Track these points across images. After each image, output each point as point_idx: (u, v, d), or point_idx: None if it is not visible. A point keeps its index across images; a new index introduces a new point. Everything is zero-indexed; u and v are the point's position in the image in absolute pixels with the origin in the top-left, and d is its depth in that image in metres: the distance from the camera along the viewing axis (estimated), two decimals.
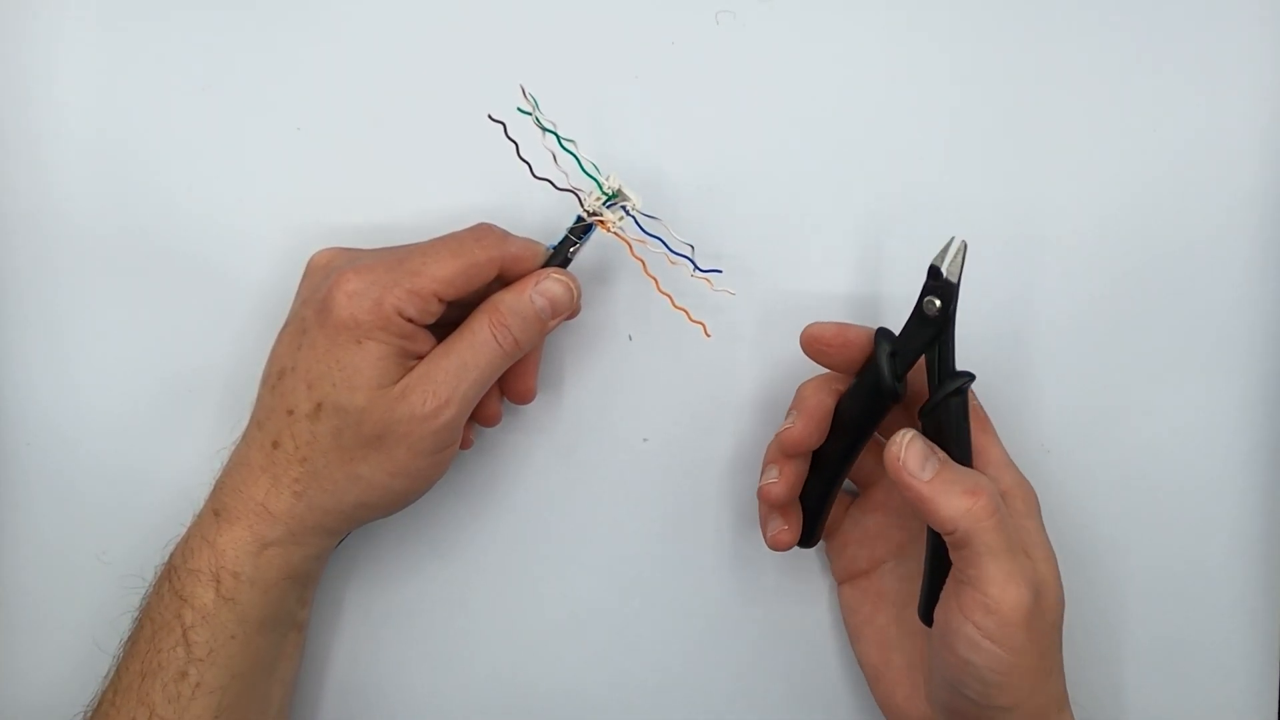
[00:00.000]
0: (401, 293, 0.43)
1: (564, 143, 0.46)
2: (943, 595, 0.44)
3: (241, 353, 0.50)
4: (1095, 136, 0.52)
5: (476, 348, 0.45)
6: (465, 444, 0.50)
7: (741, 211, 0.52)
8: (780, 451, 0.47)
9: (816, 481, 0.49)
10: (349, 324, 0.43)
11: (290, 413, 0.44)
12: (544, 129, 0.45)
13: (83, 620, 0.51)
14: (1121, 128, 0.52)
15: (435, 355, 0.44)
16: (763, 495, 0.48)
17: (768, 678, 0.54)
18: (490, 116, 0.45)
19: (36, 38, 0.50)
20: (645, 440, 0.53)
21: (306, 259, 0.47)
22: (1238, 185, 0.52)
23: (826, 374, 0.48)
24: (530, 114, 0.45)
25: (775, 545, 0.49)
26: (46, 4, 0.49)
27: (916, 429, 0.45)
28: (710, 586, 0.53)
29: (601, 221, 0.46)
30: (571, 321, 0.50)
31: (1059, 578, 0.44)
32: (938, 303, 0.44)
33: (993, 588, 0.41)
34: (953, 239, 0.44)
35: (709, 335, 0.49)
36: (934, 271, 0.44)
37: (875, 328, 0.46)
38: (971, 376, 0.44)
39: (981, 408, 0.47)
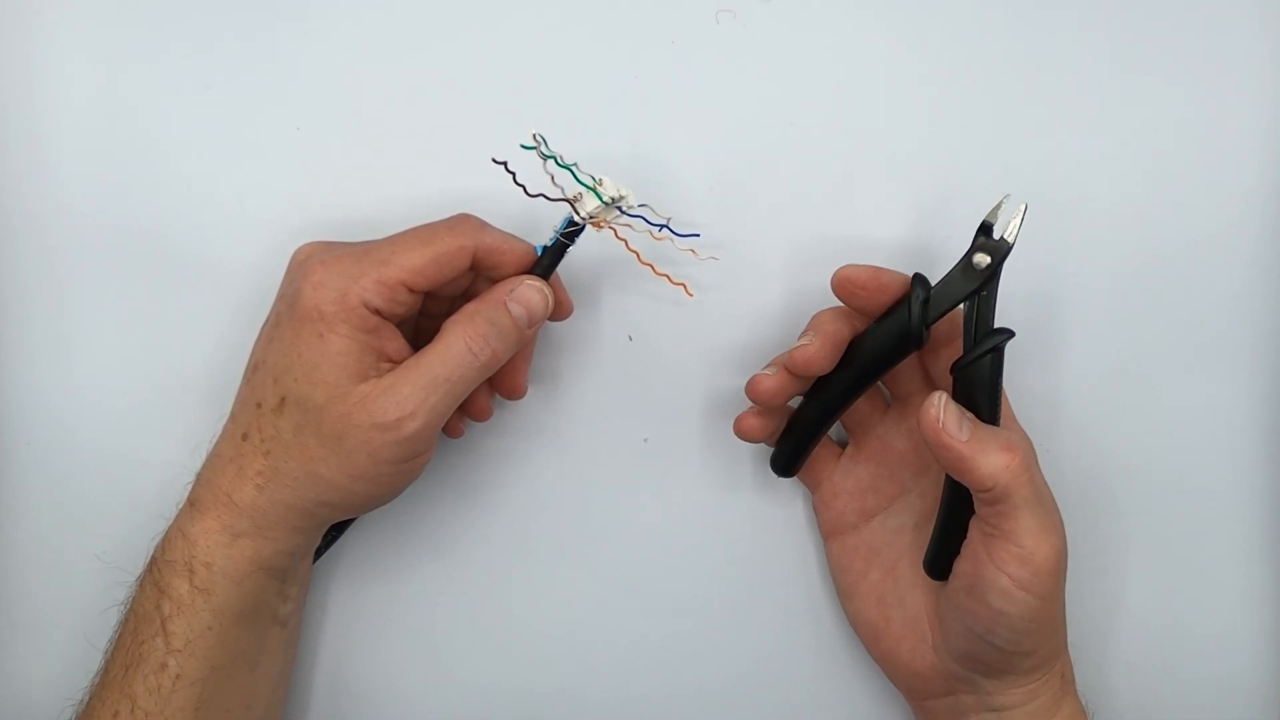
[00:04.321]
0: (368, 283, 0.43)
1: (577, 174, 0.45)
2: (967, 550, 0.45)
3: (240, 350, 0.49)
4: (1096, 133, 0.52)
5: (449, 361, 0.43)
6: (456, 433, 0.50)
7: (741, 210, 0.52)
8: (785, 366, 0.46)
9: (813, 409, 0.48)
10: (313, 316, 0.43)
11: (258, 406, 0.44)
12: (545, 156, 0.45)
13: (79, 617, 0.51)
14: (1122, 125, 0.52)
15: (406, 366, 0.43)
16: (751, 385, 0.47)
17: (770, 677, 0.53)
18: (494, 159, 0.45)
19: (38, 37, 0.50)
20: (645, 440, 0.52)
21: None
22: (1237, 183, 0.52)
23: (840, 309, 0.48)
24: (533, 148, 0.45)
25: (740, 431, 0.48)
26: (48, 3, 0.50)
27: (946, 384, 0.45)
28: (711, 587, 0.53)
29: (595, 222, 0.45)
30: (571, 321, 0.50)
31: (1062, 523, 0.45)
32: (987, 259, 0.44)
33: (1028, 539, 0.42)
34: (1005, 197, 0.44)
35: (690, 295, 0.49)
36: (986, 229, 0.44)
37: (912, 273, 0.46)
38: (1011, 333, 0.44)
39: None
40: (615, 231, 0.46)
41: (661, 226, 0.46)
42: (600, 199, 0.45)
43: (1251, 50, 0.52)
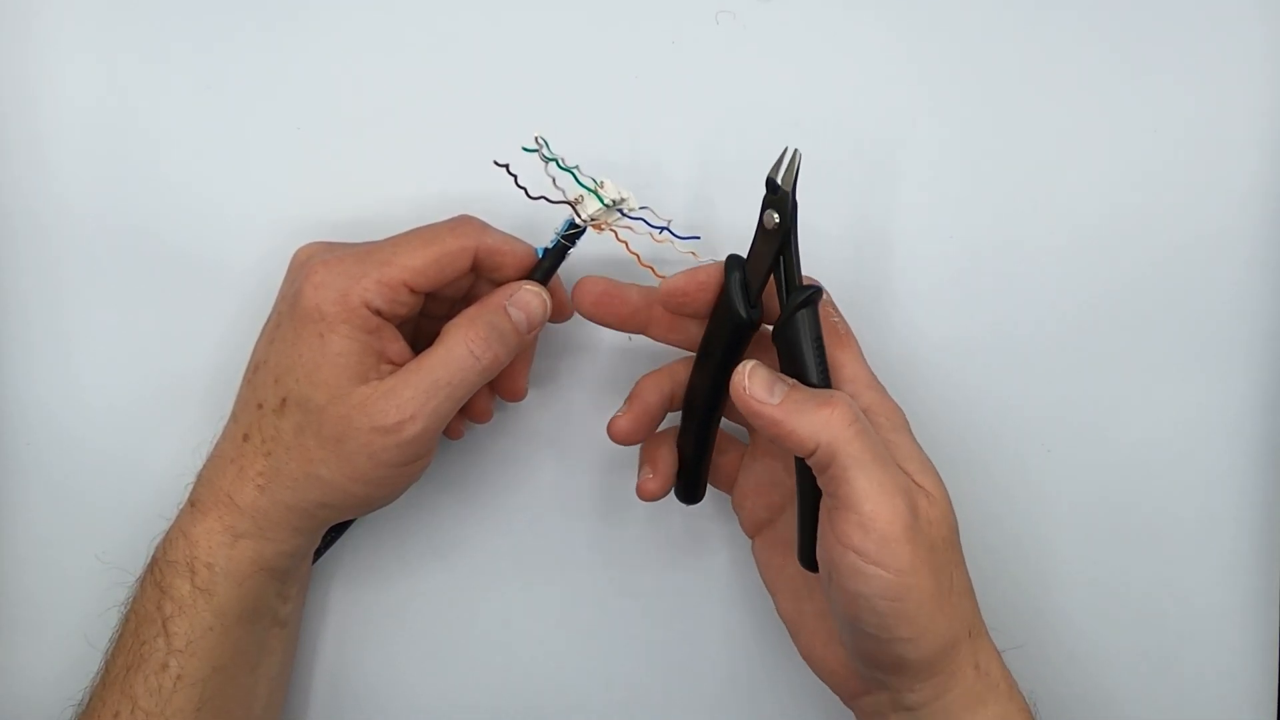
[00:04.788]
0: (370, 283, 0.43)
1: (578, 177, 0.45)
2: (819, 530, 0.42)
3: (241, 351, 0.49)
4: (1094, 136, 0.52)
5: (451, 365, 0.43)
6: (456, 435, 0.50)
7: (741, 211, 0.51)
8: (611, 436, 0.47)
9: (691, 428, 0.47)
10: (314, 316, 0.43)
11: (260, 406, 0.44)
12: (547, 158, 0.45)
13: (79, 618, 0.51)
14: (1120, 126, 0.52)
15: (407, 369, 0.43)
16: (609, 431, 0.46)
17: (772, 679, 0.53)
18: (495, 162, 0.45)
19: (38, 37, 0.50)
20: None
21: None
22: (1237, 184, 0.52)
23: (665, 367, 0.48)
24: (535, 150, 0.45)
25: (641, 494, 0.47)
26: (48, 3, 0.50)
27: (773, 356, 0.44)
28: (710, 588, 0.53)
29: (596, 224, 0.45)
30: (571, 322, 0.50)
31: (943, 489, 0.42)
32: (776, 216, 0.43)
33: (866, 504, 0.39)
34: (786, 149, 0.43)
35: None
36: (770, 184, 0.43)
37: (725, 257, 0.44)
38: (818, 289, 0.42)
39: (844, 323, 0.45)
40: (616, 234, 0.46)
41: (662, 229, 0.46)
42: (601, 201, 0.45)
43: (1252, 50, 0.52)
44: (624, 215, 0.46)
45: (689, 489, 0.49)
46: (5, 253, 0.51)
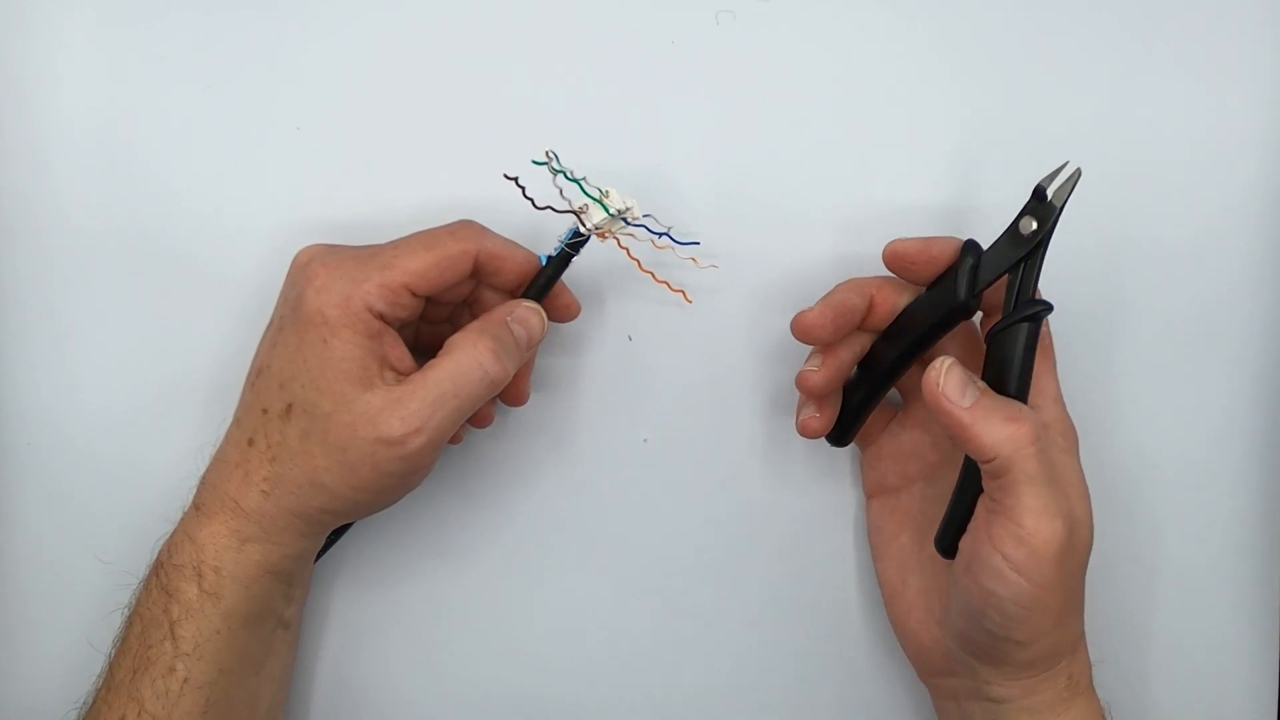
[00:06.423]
0: (372, 286, 0.43)
1: (586, 187, 0.45)
2: (972, 525, 0.43)
3: (242, 352, 0.49)
4: (1093, 134, 0.52)
5: (459, 378, 0.43)
6: (455, 439, 0.50)
7: (741, 210, 0.52)
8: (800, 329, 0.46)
9: (863, 382, 0.48)
10: (316, 320, 0.43)
11: (265, 411, 0.44)
12: (555, 171, 0.45)
13: (81, 620, 0.51)
14: (1120, 125, 0.52)
15: (414, 381, 0.43)
16: (800, 383, 0.47)
17: (770, 679, 0.53)
18: (505, 175, 0.45)
19: (37, 37, 0.50)
20: (645, 440, 0.52)
21: None
22: (1238, 182, 0.52)
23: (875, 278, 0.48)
24: (545, 164, 0.45)
25: (803, 431, 0.48)
26: (47, 3, 0.50)
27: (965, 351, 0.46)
28: (710, 587, 0.53)
29: (600, 233, 0.46)
30: (572, 322, 0.50)
31: (1091, 516, 0.43)
32: (1034, 224, 0.43)
33: (1028, 518, 0.41)
34: (1065, 164, 0.44)
35: (690, 301, 0.49)
36: (1039, 193, 0.43)
37: (963, 240, 0.45)
38: (1049, 306, 0.43)
39: (1049, 334, 0.46)
40: (618, 240, 0.46)
41: (662, 234, 0.47)
42: (607, 211, 0.45)
43: (1254, 46, 0.52)
44: (627, 223, 0.46)
45: (843, 432, 0.50)
46: (6, 255, 0.51)
